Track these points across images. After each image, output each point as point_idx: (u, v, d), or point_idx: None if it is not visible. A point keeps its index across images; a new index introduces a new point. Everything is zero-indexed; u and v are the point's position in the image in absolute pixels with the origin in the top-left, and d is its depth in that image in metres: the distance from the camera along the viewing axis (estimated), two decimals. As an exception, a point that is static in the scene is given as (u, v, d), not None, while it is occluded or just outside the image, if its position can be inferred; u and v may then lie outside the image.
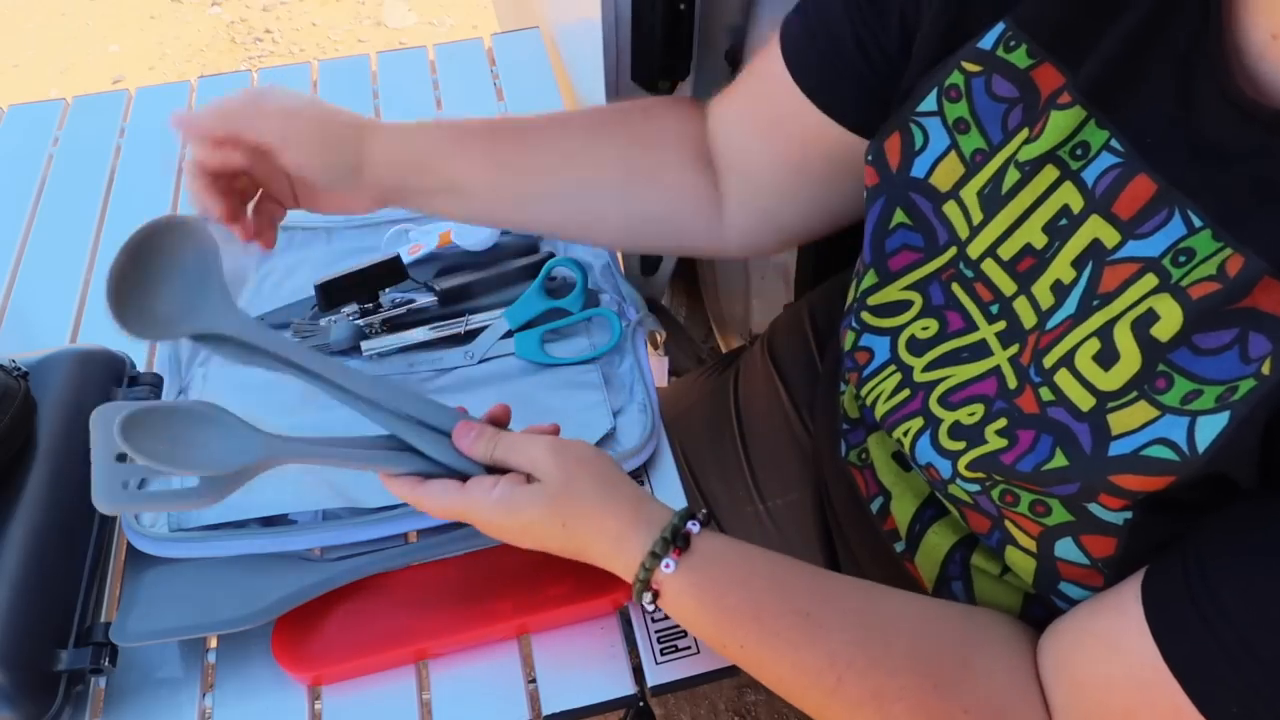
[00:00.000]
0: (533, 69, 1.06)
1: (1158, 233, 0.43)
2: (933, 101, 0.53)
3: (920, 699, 0.47)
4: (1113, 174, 0.45)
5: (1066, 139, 0.47)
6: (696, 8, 0.97)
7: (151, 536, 0.62)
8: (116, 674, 0.59)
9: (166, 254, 0.52)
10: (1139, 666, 0.41)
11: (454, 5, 2.56)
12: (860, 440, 0.66)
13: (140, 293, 0.51)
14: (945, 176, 0.53)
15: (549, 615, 0.60)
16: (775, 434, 0.85)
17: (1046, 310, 0.48)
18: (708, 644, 0.52)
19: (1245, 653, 0.38)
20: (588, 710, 0.59)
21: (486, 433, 0.55)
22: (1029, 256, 0.49)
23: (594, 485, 0.52)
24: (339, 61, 1.07)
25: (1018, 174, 0.49)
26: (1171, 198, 0.42)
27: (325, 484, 0.67)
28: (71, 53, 2.46)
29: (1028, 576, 0.50)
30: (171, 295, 0.52)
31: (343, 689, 0.59)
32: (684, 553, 0.50)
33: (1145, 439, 0.41)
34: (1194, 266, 0.41)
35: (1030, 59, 0.49)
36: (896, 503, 0.61)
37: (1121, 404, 0.42)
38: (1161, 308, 0.41)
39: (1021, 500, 0.47)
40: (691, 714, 1.33)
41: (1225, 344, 0.39)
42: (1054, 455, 0.44)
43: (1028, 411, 0.47)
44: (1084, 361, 0.44)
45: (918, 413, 0.54)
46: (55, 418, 0.64)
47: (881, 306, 0.57)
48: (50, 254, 0.88)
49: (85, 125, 1.01)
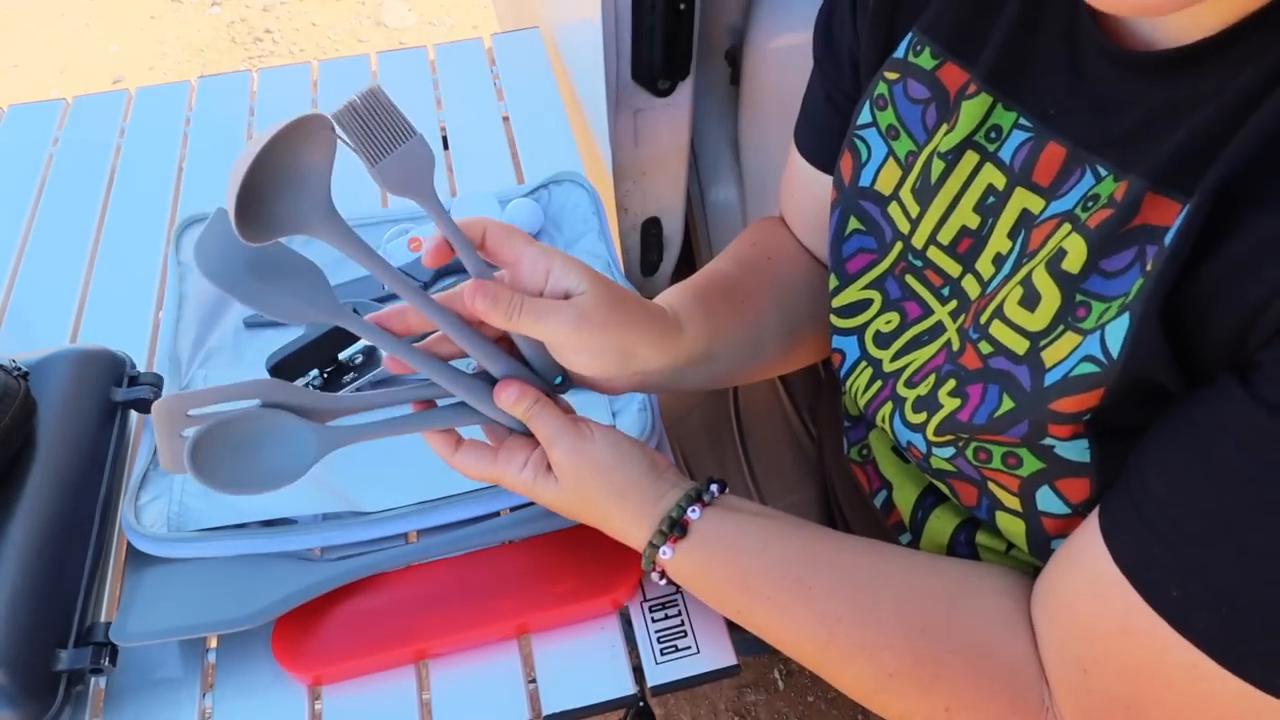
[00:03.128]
0: (533, 69, 1.06)
1: (1073, 190, 0.46)
2: (867, 114, 0.57)
3: (907, 645, 0.49)
4: (1026, 148, 0.49)
5: (979, 125, 0.51)
6: (696, 8, 0.97)
7: (151, 536, 0.62)
8: (116, 674, 0.60)
9: (288, 157, 0.47)
10: (1096, 572, 0.43)
11: (454, 5, 2.56)
12: (861, 437, 0.67)
13: (259, 195, 0.46)
14: (887, 181, 0.57)
15: (549, 615, 0.60)
16: (775, 436, 0.85)
17: (988, 280, 0.51)
18: (716, 610, 0.56)
19: (1173, 530, 0.40)
20: (588, 710, 0.59)
21: (528, 395, 0.53)
22: (967, 237, 0.53)
23: (602, 492, 0.54)
24: (339, 61, 1.07)
25: (942, 164, 0.53)
26: (1080, 157, 0.46)
27: (326, 488, 0.67)
28: (71, 53, 2.46)
29: (1022, 542, 0.51)
30: (285, 197, 0.47)
31: (343, 689, 0.59)
32: (681, 539, 0.53)
33: (1073, 362, 0.43)
34: (1096, 206, 0.44)
35: (935, 60, 0.54)
36: (898, 493, 0.63)
37: (1051, 339, 0.45)
38: (1069, 245, 0.44)
39: (994, 455, 0.49)
40: (691, 714, 1.33)
41: (1128, 264, 0.42)
42: (1001, 401, 0.47)
43: (972, 368, 0.49)
44: (1012, 308, 0.47)
45: (888, 398, 0.57)
46: (55, 418, 0.64)
47: (844, 308, 0.60)
48: (50, 254, 0.88)
49: (85, 125, 1.01)
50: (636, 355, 0.54)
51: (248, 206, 0.45)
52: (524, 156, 0.95)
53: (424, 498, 0.66)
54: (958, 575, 0.52)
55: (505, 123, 0.99)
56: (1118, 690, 0.43)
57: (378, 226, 0.85)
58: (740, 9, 1.12)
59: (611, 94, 1.03)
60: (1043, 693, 0.47)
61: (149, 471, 0.67)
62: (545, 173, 0.87)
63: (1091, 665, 0.44)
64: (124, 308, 0.82)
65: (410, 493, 0.66)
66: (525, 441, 0.56)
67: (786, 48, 1.07)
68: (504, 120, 1.00)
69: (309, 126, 0.46)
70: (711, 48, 1.16)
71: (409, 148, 0.48)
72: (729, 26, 1.12)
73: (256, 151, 0.44)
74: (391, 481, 0.67)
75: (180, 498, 0.65)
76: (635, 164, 1.14)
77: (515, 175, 0.93)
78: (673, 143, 1.12)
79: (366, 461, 0.69)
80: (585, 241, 0.83)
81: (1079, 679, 0.45)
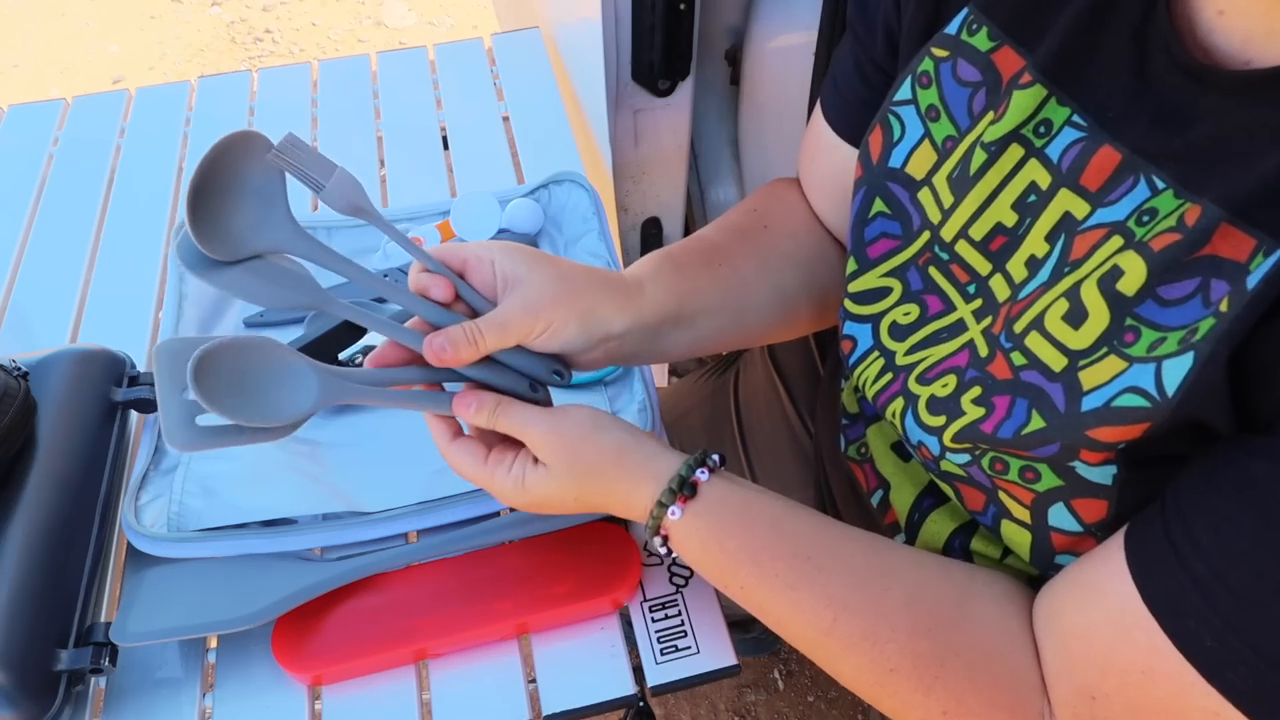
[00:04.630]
0: (533, 69, 1.06)
1: (1124, 198, 0.44)
2: (907, 90, 0.54)
3: (912, 642, 0.48)
4: (1077, 148, 0.46)
5: (1029, 118, 0.48)
6: (696, 8, 0.97)
7: (151, 536, 0.62)
8: (116, 674, 0.59)
9: (237, 170, 0.51)
10: (1119, 608, 0.42)
11: (454, 5, 2.56)
12: (859, 435, 0.66)
13: (214, 208, 0.50)
14: (920, 165, 0.54)
15: (549, 615, 0.60)
16: (775, 435, 0.85)
17: (1020, 283, 0.49)
18: (716, 586, 0.54)
19: (1218, 583, 0.38)
20: (588, 710, 0.59)
21: (487, 405, 0.54)
22: (1001, 235, 0.50)
23: (593, 458, 0.53)
24: (339, 61, 1.07)
25: (984, 155, 0.50)
26: (1136, 165, 0.44)
27: (326, 488, 0.67)
28: (71, 53, 2.47)
29: (1025, 552, 0.51)
30: (242, 211, 0.51)
31: (343, 689, 0.59)
32: (690, 500, 0.51)
33: (1116, 389, 0.42)
34: (1156, 223, 0.42)
35: (991, 42, 0.50)
36: (895, 493, 0.62)
37: (1092, 360, 0.43)
38: (1126, 263, 0.42)
39: (1011, 467, 0.48)
40: (691, 714, 1.33)
41: (1189, 293, 0.40)
42: (1030, 418, 0.45)
43: (1000, 378, 0.47)
44: (1054, 322, 0.45)
45: (899, 393, 0.55)
46: (55, 418, 0.64)
47: (862, 294, 0.58)
48: (50, 254, 0.88)
49: (85, 125, 1.01)
50: (597, 319, 0.54)
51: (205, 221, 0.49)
52: (524, 156, 0.95)
53: (424, 498, 0.66)
54: (966, 579, 0.51)
55: (505, 123, 0.99)
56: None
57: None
58: (740, 9, 1.12)
59: (611, 94, 1.03)
60: (1043, 708, 0.46)
61: (149, 471, 0.67)
62: (545, 173, 0.87)
63: (1101, 696, 0.43)
64: (124, 308, 0.82)
65: (410, 493, 0.66)
66: (513, 444, 0.55)
67: (786, 48, 1.07)
68: (504, 120, 1.00)
69: (251, 142, 0.50)
70: (711, 48, 1.16)
71: (340, 176, 0.51)
72: (729, 26, 1.12)
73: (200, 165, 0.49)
74: (391, 481, 0.67)
75: (180, 498, 0.65)
76: (635, 164, 1.14)
77: (515, 175, 0.93)
78: (673, 143, 1.12)
79: (366, 461, 0.69)
80: (585, 241, 0.83)
81: (1085, 706, 0.44)
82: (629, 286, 0.58)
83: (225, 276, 0.51)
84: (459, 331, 0.52)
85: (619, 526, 0.64)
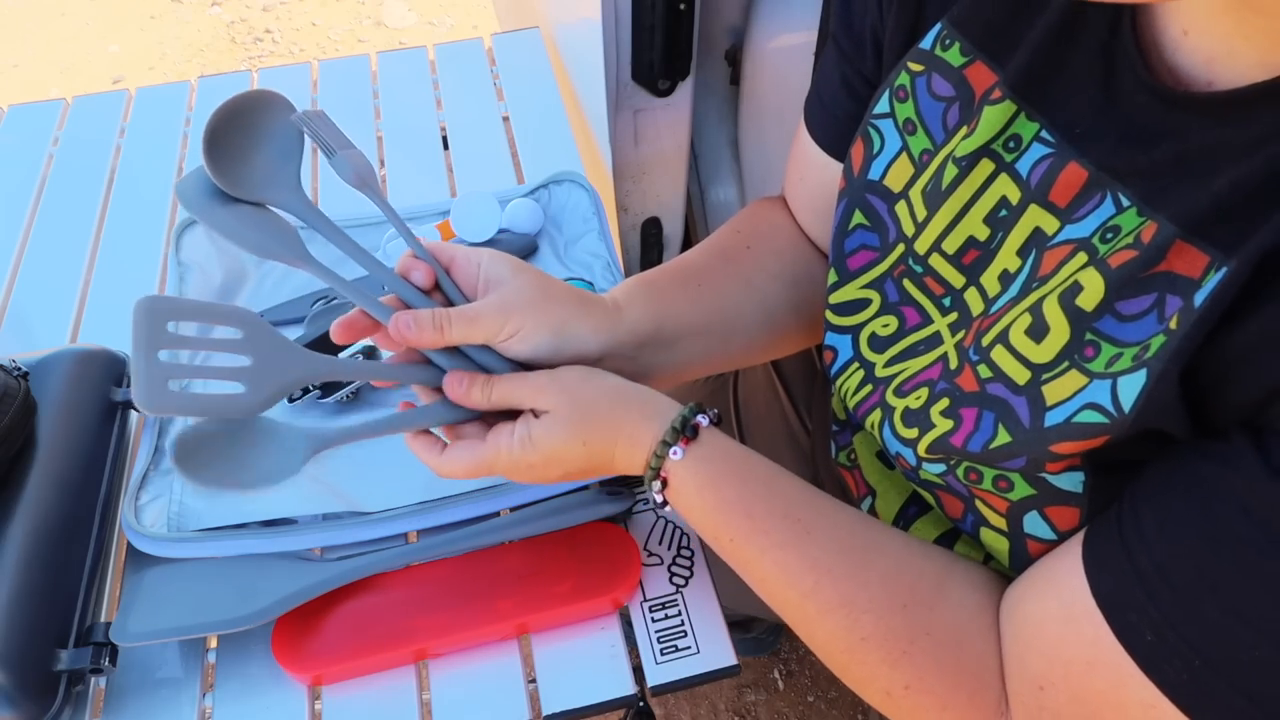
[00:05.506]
0: (533, 69, 1.06)
1: (1090, 215, 0.44)
2: (885, 103, 0.55)
3: (888, 615, 0.48)
4: (1045, 164, 0.47)
5: (999, 133, 0.49)
6: (696, 8, 0.97)
7: (151, 536, 0.62)
8: (116, 674, 0.60)
9: (260, 120, 0.54)
10: (1070, 600, 0.43)
11: (454, 5, 2.56)
12: (848, 441, 0.67)
13: (234, 145, 0.53)
14: (897, 178, 0.55)
15: (549, 615, 0.60)
16: (774, 434, 0.85)
17: (993, 298, 0.49)
18: (704, 538, 0.54)
19: (1160, 579, 0.39)
20: (588, 710, 0.59)
21: (479, 380, 0.54)
22: (973, 249, 0.51)
23: (600, 395, 0.53)
24: (339, 61, 1.07)
25: (955, 169, 0.51)
26: (1102, 182, 0.44)
27: (326, 488, 0.67)
28: (71, 53, 2.47)
29: (1004, 559, 0.51)
30: (260, 156, 0.54)
31: (343, 689, 0.59)
32: (692, 442, 0.52)
33: (1076, 405, 0.42)
34: (1118, 240, 0.42)
35: (963, 57, 0.51)
36: (881, 501, 0.63)
37: (1055, 374, 0.44)
38: (1086, 279, 0.43)
39: (985, 477, 0.49)
40: (691, 714, 1.33)
41: (1145, 309, 0.40)
42: (997, 432, 0.46)
43: (968, 390, 0.48)
44: (1018, 336, 0.45)
45: (877, 404, 0.56)
46: (55, 418, 0.64)
47: (842, 305, 0.59)
48: (50, 254, 0.88)
49: (85, 125, 1.01)
50: (570, 333, 0.55)
51: (220, 151, 0.53)
52: (524, 156, 0.95)
53: (424, 498, 0.66)
54: (947, 563, 0.51)
55: (505, 123, 0.99)
56: (1069, 713, 0.43)
57: (378, 227, 0.85)
58: (740, 9, 1.12)
59: (611, 94, 1.03)
60: (1001, 696, 0.47)
61: (149, 471, 0.67)
62: (545, 173, 0.87)
63: (1048, 685, 0.44)
64: (124, 308, 0.81)
65: (410, 493, 0.66)
66: (508, 421, 0.55)
67: (786, 48, 1.07)
68: (504, 120, 1.00)
69: (275, 100, 0.54)
70: (711, 48, 1.16)
71: (354, 152, 0.55)
72: (729, 26, 1.12)
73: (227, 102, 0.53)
74: (392, 481, 0.67)
75: (180, 498, 0.65)
76: (635, 164, 1.14)
77: (515, 175, 0.93)
78: (672, 143, 1.12)
79: (367, 461, 0.69)
80: (585, 241, 0.83)
81: (1034, 695, 0.45)
82: (607, 307, 0.58)
83: (220, 215, 0.53)
84: (426, 314, 0.53)
85: (619, 526, 0.64)
